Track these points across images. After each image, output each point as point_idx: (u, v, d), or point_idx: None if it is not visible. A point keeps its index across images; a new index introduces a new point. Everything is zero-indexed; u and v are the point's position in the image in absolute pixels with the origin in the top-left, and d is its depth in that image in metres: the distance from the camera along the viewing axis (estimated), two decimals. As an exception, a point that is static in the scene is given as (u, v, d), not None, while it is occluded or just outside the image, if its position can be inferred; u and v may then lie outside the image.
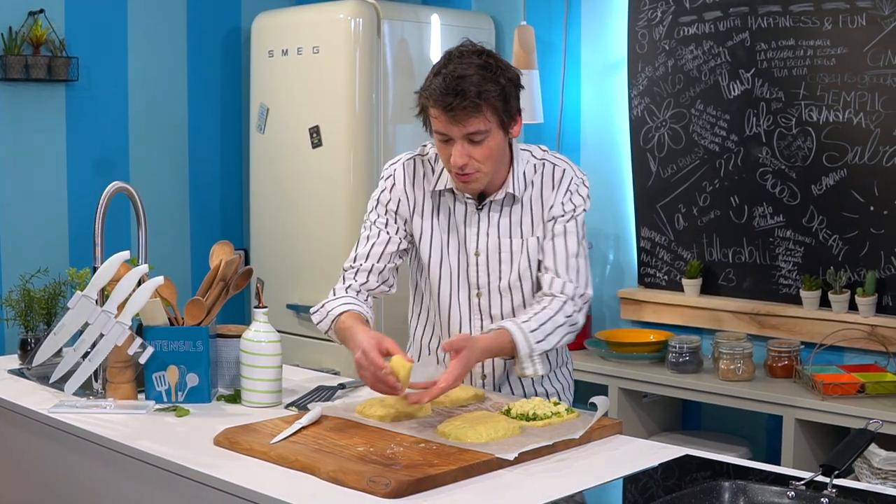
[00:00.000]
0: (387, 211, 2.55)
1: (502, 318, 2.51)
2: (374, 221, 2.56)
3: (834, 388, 3.34)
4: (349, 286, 2.53)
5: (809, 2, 3.66)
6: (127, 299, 2.43)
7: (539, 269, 2.52)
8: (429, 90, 2.36)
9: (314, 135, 4.32)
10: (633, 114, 4.20)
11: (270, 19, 4.57)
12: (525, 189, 2.50)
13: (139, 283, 2.45)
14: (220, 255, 2.61)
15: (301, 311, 4.35)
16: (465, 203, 2.51)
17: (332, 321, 2.46)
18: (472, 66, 2.33)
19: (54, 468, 2.47)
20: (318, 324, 2.51)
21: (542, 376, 2.57)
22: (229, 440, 2.14)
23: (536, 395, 2.59)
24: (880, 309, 3.57)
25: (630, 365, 3.87)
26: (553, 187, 2.50)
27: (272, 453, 2.05)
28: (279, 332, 2.53)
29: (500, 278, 2.52)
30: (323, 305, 2.50)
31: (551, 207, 2.49)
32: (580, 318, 2.48)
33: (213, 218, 4.94)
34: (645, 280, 4.25)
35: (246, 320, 4.42)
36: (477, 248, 2.51)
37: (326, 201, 4.28)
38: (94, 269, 2.53)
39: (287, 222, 4.45)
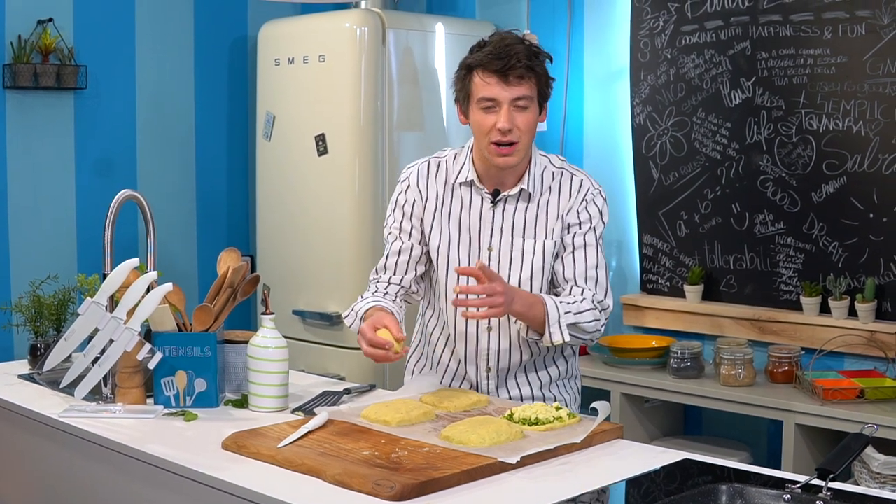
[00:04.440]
0: (403, 214, 2.62)
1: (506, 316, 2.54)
2: (391, 226, 2.65)
3: (834, 394, 3.37)
4: (375, 291, 2.63)
5: (810, 11, 3.70)
6: (136, 306, 2.46)
7: (556, 282, 2.57)
8: (477, 57, 2.46)
9: (320, 142, 4.35)
10: (635, 122, 4.23)
11: (277, 28, 4.60)
12: (542, 193, 2.55)
13: (148, 290, 2.49)
14: (228, 262, 2.64)
15: (307, 317, 4.38)
16: (482, 197, 2.56)
17: (360, 318, 2.54)
18: (517, 42, 2.47)
19: (64, 472, 2.50)
20: (350, 326, 2.60)
21: (553, 382, 2.63)
22: (237, 444, 2.18)
23: (544, 399, 2.63)
24: (880, 315, 3.60)
25: (632, 370, 3.90)
26: (570, 195, 2.56)
27: (279, 457, 2.08)
28: (286, 337, 2.56)
29: (509, 276, 2.54)
30: (352, 309, 2.60)
31: (568, 212, 2.54)
32: (601, 325, 2.53)
33: (219, 225, 4.97)
34: (647, 286, 4.28)
35: (253, 326, 4.45)
36: (490, 243, 2.56)
37: (332, 208, 4.31)
38: (104, 276, 2.56)
39: (293, 229, 4.47)
